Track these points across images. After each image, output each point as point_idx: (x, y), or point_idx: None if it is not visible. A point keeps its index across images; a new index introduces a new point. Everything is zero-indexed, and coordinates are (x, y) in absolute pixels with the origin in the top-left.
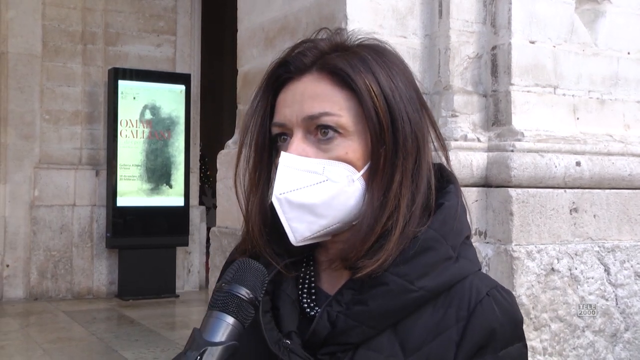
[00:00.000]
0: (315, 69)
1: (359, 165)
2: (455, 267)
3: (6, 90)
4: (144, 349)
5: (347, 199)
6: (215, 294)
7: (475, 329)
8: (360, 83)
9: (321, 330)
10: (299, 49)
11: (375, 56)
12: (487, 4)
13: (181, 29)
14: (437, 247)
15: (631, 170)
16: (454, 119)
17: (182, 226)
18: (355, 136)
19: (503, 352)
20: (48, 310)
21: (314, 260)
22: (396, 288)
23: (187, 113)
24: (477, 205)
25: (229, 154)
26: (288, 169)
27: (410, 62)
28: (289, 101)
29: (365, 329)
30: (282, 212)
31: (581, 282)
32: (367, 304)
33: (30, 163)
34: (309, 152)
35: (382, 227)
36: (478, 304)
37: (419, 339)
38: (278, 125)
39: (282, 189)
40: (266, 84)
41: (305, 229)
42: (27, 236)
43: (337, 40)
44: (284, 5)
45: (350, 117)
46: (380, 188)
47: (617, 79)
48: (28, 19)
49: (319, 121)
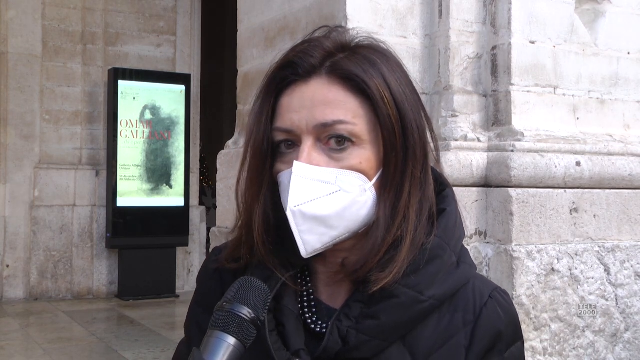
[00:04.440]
0: (325, 72)
1: (371, 174)
2: (458, 273)
3: (6, 90)
4: (144, 349)
5: (359, 209)
6: (216, 313)
7: (483, 332)
8: (374, 89)
9: (333, 347)
10: (302, 49)
11: (384, 60)
12: (487, 4)
13: (181, 29)
14: (443, 255)
15: (631, 170)
16: (454, 119)
17: (182, 226)
18: (368, 145)
19: (507, 352)
20: (48, 310)
21: (310, 271)
22: (407, 300)
23: (187, 113)
24: (477, 205)
25: (229, 154)
26: (301, 179)
27: (410, 62)
28: (296, 106)
29: (377, 342)
30: (296, 225)
31: (581, 282)
32: (379, 318)
33: (30, 163)
34: (321, 162)
35: (393, 237)
36: (483, 307)
37: (428, 346)
38: (283, 131)
39: (296, 201)
40: (269, 86)
41: (317, 241)
42: (27, 236)
43: (342, 40)
44: (283, 5)
45: (364, 125)
46: (390, 197)
47: (617, 79)
48: (28, 19)
49: (332, 129)
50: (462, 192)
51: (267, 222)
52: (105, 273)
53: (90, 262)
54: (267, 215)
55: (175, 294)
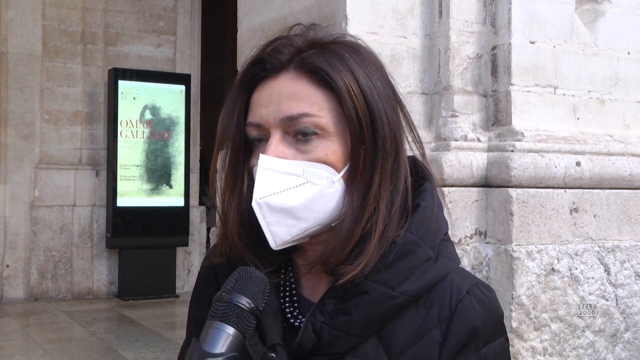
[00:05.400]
0: (293, 67)
1: (339, 166)
2: (435, 268)
3: (6, 90)
4: (144, 349)
5: (327, 201)
6: (215, 304)
7: (458, 328)
8: (340, 83)
9: (307, 342)
10: (273, 46)
11: (353, 54)
12: (487, 4)
13: (181, 29)
14: (416, 250)
15: (631, 170)
16: (454, 119)
17: (182, 226)
18: (335, 137)
19: (485, 349)
20: (48, 310)
21: (292, 264)
22: (378, 296)
23: (187, 113)
24: (477, 205)
25: None
26: (267, 171)
27: (410, 62)
28: (264, 100)
29: (350, 338)
30: (262, 217)
31: (581, 282)
32: (350, 313)
33: (30, 163)
34: (288, 154)
35: (362, 229)
36: (459, 302)
37: (402, 342)
38: (254, 125)
39: (261, 193)
40: (240, 82)
41: (285, 232)
42: (27, 236)
43: (313, 37)
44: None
45: (330, 118)
46: (359, 189)
47: (617, 79)
48: (28, 19)
49: (298, 122)
50: (462, 192)
51: (242, 215)
52: (105, 273)
53: (90, 262)
54: (242, 210)
55: (175, 294)
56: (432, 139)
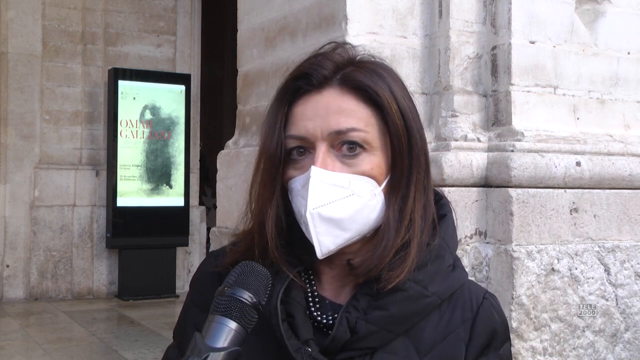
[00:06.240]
0: (337, 83)
1: (380, 179)
2: (455, 275)
3: (6, 90)
4: (144, 349)
5: (369, 212)
6: (217, 298)
7: (481, 328)
8: (384, 100)
9: (341, 336)
10: (315, 61)
11: (388, 73)
12: (487, 4)
13: (181, 29)
14: (445, 256)
15: (631, 170)
16: (454, 119)
17: (182, 226)
18: (378, 151)
19: (501, 350)
20: (48, 310)
21: (314, 271)
22: (415, 294)
23: (187, 113)
24: (477, 205)
25: (229, 154)
26: (319, 183)
27: (410, 62)
28: (310, 114)
29: (384, 333)
30: (314, 227)
31: (581, 282)
32: (388, 309)
33: (30, 163)
34: (335, 167)
35: (401, 240)
36: (480, 306)
37: (429, 341)
38: (297, 138)
39: (315, 204)
40: (282, 95)
41: (331, 242)
42: (27, 236)
43: (348, 55)
44: (283, 5)
45: (375, 133)
46: (398, 201)
47: (617, 79)
48: (28, 19)
49: (346, 136)
50: (462, 192)
51: (280, 225)
52: (105, 273)
53: (90, 262)
54: (279, 219)
55: (175, 294)
56: (432, 139)
